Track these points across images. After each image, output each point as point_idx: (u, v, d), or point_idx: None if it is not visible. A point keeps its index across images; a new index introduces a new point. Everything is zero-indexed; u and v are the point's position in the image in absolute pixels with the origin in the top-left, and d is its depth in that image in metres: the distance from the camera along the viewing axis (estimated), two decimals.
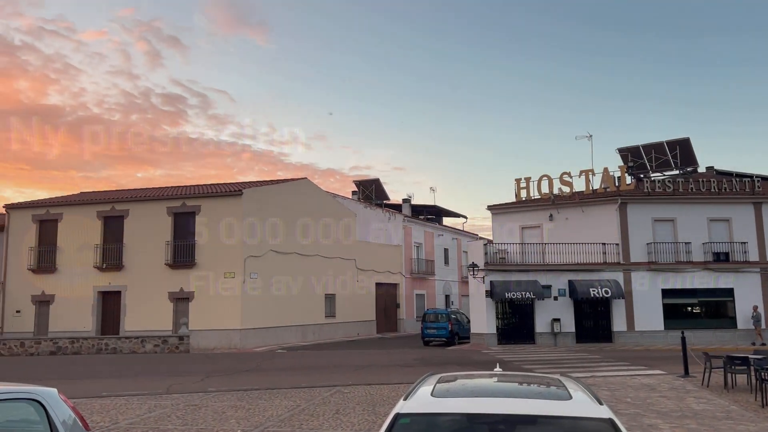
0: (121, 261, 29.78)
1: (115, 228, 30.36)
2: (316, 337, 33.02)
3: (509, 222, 32.34)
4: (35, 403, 4.13)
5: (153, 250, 29.43)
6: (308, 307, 32.89)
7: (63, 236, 30.78)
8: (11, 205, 32.04)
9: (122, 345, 25.81)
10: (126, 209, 30.29)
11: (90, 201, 31.11)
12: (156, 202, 30.04)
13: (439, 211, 51.41)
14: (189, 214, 29.52)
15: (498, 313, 28.90)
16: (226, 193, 29.40)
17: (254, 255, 29.21)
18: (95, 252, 30.10)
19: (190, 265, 28.91)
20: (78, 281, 30.11)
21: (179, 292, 28.89)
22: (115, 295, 29.80)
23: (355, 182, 49.84)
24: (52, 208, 31.35)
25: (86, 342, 25.88)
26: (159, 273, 29.24)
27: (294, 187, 33.75)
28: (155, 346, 25.60)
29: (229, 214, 28.95)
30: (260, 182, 33.79)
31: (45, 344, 25.89)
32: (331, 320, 34.83)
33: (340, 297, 35.87)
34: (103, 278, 29.93)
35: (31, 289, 30.62)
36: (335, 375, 17.04)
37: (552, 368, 18.33)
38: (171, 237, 29.42)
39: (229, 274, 28.46)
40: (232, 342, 27.80)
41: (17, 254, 31.07)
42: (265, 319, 29.38)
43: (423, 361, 21.12)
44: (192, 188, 32.50)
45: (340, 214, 37.39)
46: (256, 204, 29.92)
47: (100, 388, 14.72)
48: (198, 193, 29.91)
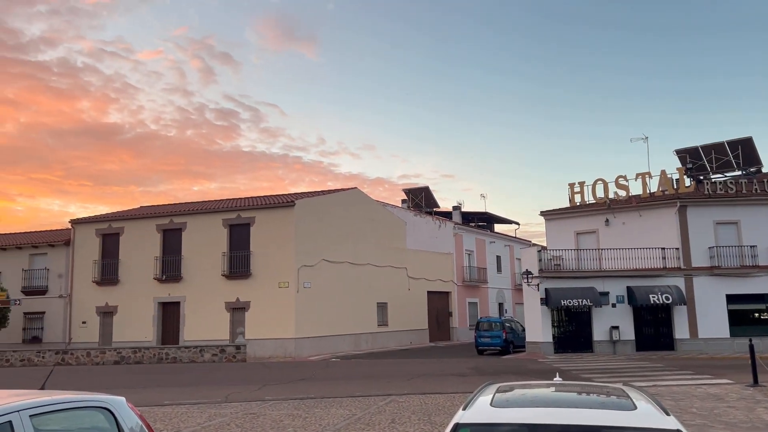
0: (179, 272, 30.64)
1: (174, 240, 31.28)
2: (369, 346, 33.11)
3: (563, 228, 31.72)
4: (105, 411, 4.28)
5: (210, 262, 30.18)
6: (361, 316, 33.04)
7: (124, 249, 31.91)
8: (76, 220, 33.46)
9: (182, 354, 26.49)
10: (184, 222, 31.18)
11: (149, 215, 32.17)
12: (212, 214, 30.82)
13: (490, 218, 50.91)
14: (244, 225, 30.16)
15: (554, 321, 28.34)
16: (278, 205, 29.91)
17: (307, 265, 29.58)
18: (155, 264, 31.08)
19: (246, 276, 29.49)
20: (139, 293, 31.13)
21: (235, 302, 29.51)
22: (174, 305, 30.66)
23: (405, 191, 49.92)
24: (114, 222, 32.57)
25: (148, 352, 26.69)
26: (216, 284, 29.94)
27: (344, 197, 34.05)
28: (213, 356, 26.17)
29: (282, 225, 29.44)
30: (311, 193, 34.24)
31: (109, 354, 26.83)
32: (383, 329, 34.87)
33: (392, 306, 35.88)
34: (163, 289, 30.85)
35: (96, 301, 31.85)
36: (390, 384, 17.03)
37: (612, 377, 17.83)
38: (227, 248, 30.10)
39: (283, 283, 28.89)
40: (287, 351, 28.18)
41: (82, 267, 32.39)
42: (318, 328, 29.67)
43: (478, 371, 20.89)
44: (246, 200, 33.21)
45: (390, 223, 37.49)
46: (308, 214, 30.33)
47: (162, 396, 15.15)
48: (252, 205, 30.54)
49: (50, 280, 33.17)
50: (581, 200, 31.17)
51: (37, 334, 33.02)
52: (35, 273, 33.65)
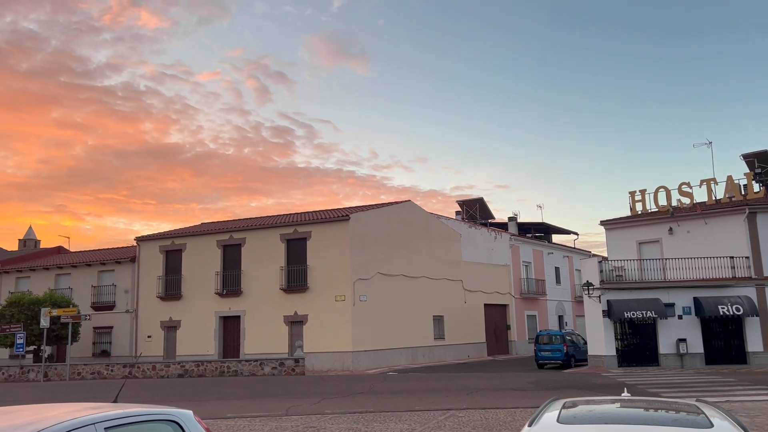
0: (239, 287, 31.31)
1: (234, 255, 32.02)
2: (426, 360, 32.89)
3: (625, 237, 30.80)
4: (174, 424, 4.40)
5: (268, 276, 30.72)
6: (417, 329, 32.89)
7: (187, 265, 32.86)
8: (141, 237, 34.72)
9: (242, 368, 27.00)
10: (243, 237, 31.89)
11: (210, 231, 33.07)
12: (270, 229, 31.42)
13: (547, 229, 49.96)
14: (300, 240, 30.60)
15: (617, 333, 27.47)
16: (334, 219, 30.22)
17: (363, 278, 29.72)
18: (216, 279, 31.87)
19: (303, 290, 29.88)
20: (201, 307, 31.97)
21: (294, 316, 29.91)
22: (235, 319, 31.33)
23: (458, 202, 49.64)
24: (177, 239, 33.62)
25: (210, 365, 27.31)
26: (274, 297, 30.44)
27: (398, 210, 34.11)
28: (273, 369, 26.55)
29: (337, 239, 29.72)
30: (365, 207, 34.48)
31: (174, 367, 27.60)
32: (440, 342, 34.59)
33: (449, 319, 35.59)
34: (224, 304, 31.58)
35: (160, 316, 32.87)
36: (448, 398, 16.85)
37: (682, 392, 17.10)
38: (284, 262, 30.59)
39: (340, 297, 29.10)
40: (344, 364, 28.31)
41: (147, 283, 33.53)
42: (375, 341, 29.70)
43: (538, 385, 20.43)
44: (302, 215, 33.72)
45: (444, 235, 37.30)
46: (363, 228, 30.52)
47: (224, 409, 15.46)
48: (308, 220, 30.98)
49: (117, 295, 34.48)
50: (643, 208, 30.23)
51: (106, 348, 34.32)
52: (103, 289, 35.05)
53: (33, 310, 30.16)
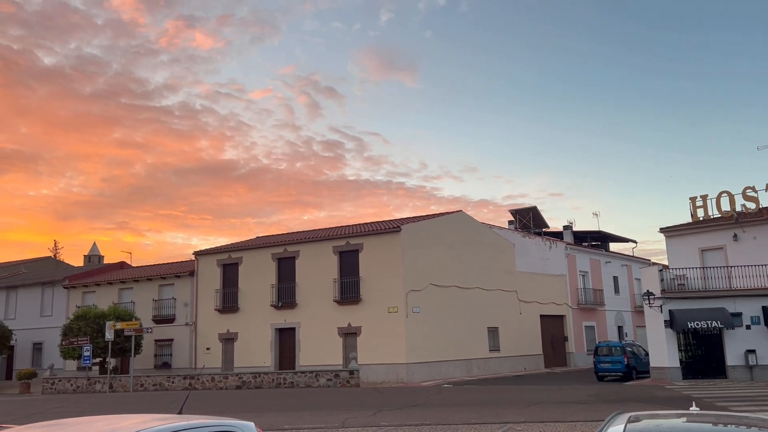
0: (294, 299, 31.73)
1: (288, 268, 32.49)
2: (481, 372, 32.46)
3: (686, 245, 29.73)
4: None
5: (322, 288, 31.03)
6: (471, 340, 32.54)
7: (243, 278, 33.53)
8: (199, 252, 35.66)
9: (298, 379, 27.28)
10: (297, 250, 32.34)
11: (265, 244, 33.67)
12: (322, 242, 31.76)
13: (604, 237, 48.73)
14: (353, 252, 30.81)
15: (680, 344, 26.47)
16: (385, 231, 30.31)
17: (415, 289, 29.65)
18: (271, 291, 32.39)
19: (356, 301, 30.03)
20: (257, 319, 32.52)
21: (347, 328, 30.07)
22: (290, 331, 31.73)
23: (511, 211, 48.98)
24: (233, 252, 34.37)
25: (267, 377, 27.71)
26: (328, 309, 30.70)
27: (450, 221, 33.94)
28: (328, 380, 26.73)
29: (389, 251, 29.77)
30: (417, 218, 34.45)
31: (232, 379, 28.13)
32: (495, 354, 34.10)
33: (504, 330, 35.07)
34: (279, 316, 32.04)
35: (218, 328, 33.61)
36: (506, 411, 16.58)
37: (753, 406, 16.32)
38: (337, 275, 30.84)
39: (393, 308, 29.10)
40: (399, 376, 28.23)
41: (205, 296, 34.37)
42: (429, 353, 29.53)
43: (599, 398, 19.87)
44: (354, 227, 33.95)
45: (497, 245, 36.86)
46: (414, 239, 30.49)
47: (282, 421, 15.65)
48: (360, 232, 31.16)
49: (177, 308, 35.46)
50: (704, 215, 29.14)
51: (167, 360, 35.29)
52: (164, 303, 36.12)
53: (98, 323, 31.32)
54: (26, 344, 39.84)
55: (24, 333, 39.66)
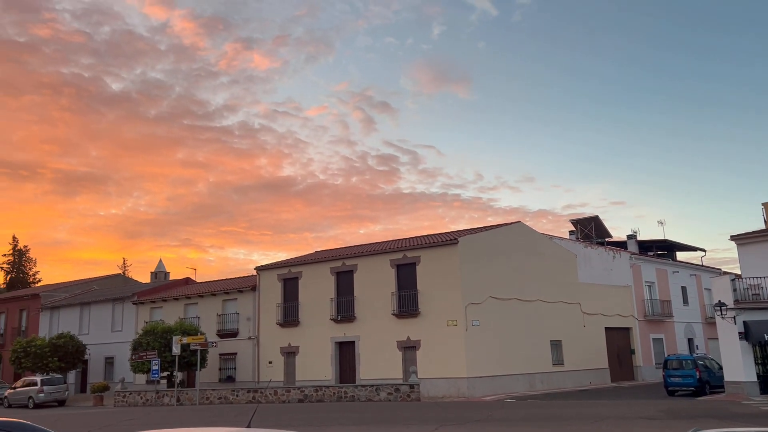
0: (353, 313, 31.89)
1: (346, 282, 32.72)
2: (545, 386, 31.69)
3: (760, 252, 28.27)
4: None
5: (380, 302, 31.08)
6: (534, 354, 31.85)
7: (303, 292, 33.98)
8: (260, 267, 36.37)
9: (359, 393, 27.33)
10: (354, 264, 32.55)
11: (323, 259, 34.05)
12: (380, 255, 31.85)
13: (671, 246, 46.94)
14: (410, 265, 30.76)
15: (757, 357, 25.14)
16: (442, 243, 30.13)
17: (474, 302, 29.30)
18: (330, 305, 32.67)
19: (415, 315, 29.91)
20: (317, 333, 32.84)
21: (406, 341, 29.97)
22: (350, 345, 31.87)
23: (572, 221, 47.87)
24: (293, 267, 34.90)
25: (328, 390, 27.90)
26: (387, 323, 30.69)
27: (508, 232, 33.45)
28: (388, 394, 26.67)
29: (447, 263, 29.57)
30: (474, 230, 34.12)
31: (294, 392, 28.46)
32: (559, 368, 33.25)
33: (567, 343, 34.18)
34: (339, 329, 32.25)
35: (280, 342, 34.11)
36: (573, 427, 16.11)
37: None
38: (395, 288, 30.83)
39: (452, 322, 28.84)
40: (459, 390, 27.90)
41: (267, 310, 34.99)
42: (490, 367, 29.07)
43: (670, 413, 19.06)
44: (410, 240, 33.91)
45: (558, 256, 36.06)
46: (472, 251, 30.18)
47: None
48: (416, 245, 31.09)
49: (240, 323, 36.22)
50: None
51: (231, 374, 36.01)
52: (227, 317, 36.96)
53: (165, 338, 32.31)
54: (99, 358, 41.51)
55: (97, 347, 41.36)
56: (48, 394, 34.00)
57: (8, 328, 48.27)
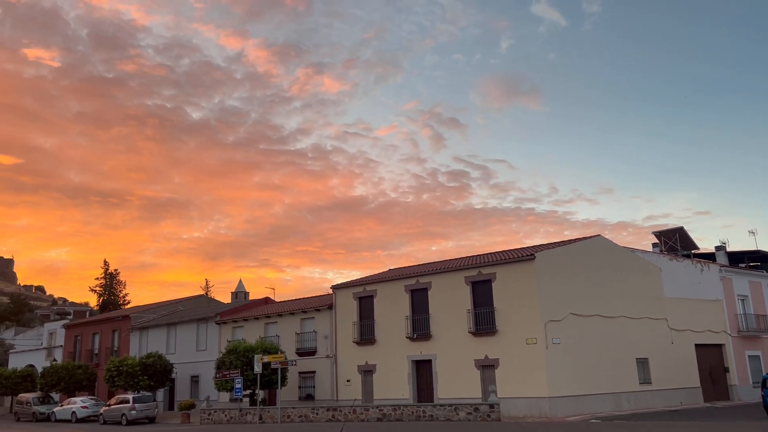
0: (428, 331, 31.73)
1: (421, 300, 32.65)
2: (632, 406, 30.34)
3: None
4: None
5: (456, 319, 30.79)
6: (619, 373, 30.61)
7: (379, 310, 34.15)
8: (336, 285, 36.87)
9: (437, 412, 27.07)
10: (429, 282, 32.46)
11: (397, 277, 34.14)
12: (454, 272, 31.62)
13: (764, 257, 44.20)
14: (485, 282, 30.36)
15: None
16: (518, 259, 29.59)
17: (554, 319, 28.55)
18: (406, 323, 32.66)
19: (492, 333, 29.44)
20: (394, 351, 32.86)
21: (484, 360, 29.50)
22: (427, 363, 31.69)
23: (655, 233, 45.93)
24: (368, 285, 35.18)
25: (406, 409, 27.79)
26: (463, 341, 30.35)
27: (587, 246, 32.48)
28: (468, 414, 26.28)
29: (523, 279, 29.01)
30: (551, 244, 33.32)
31: (372, 411, 28.52)
32: (646, 387, 31.78)
33: (654, 361, 32.66)
34: (415, 348, 32.15)
35: (357, 360, 34.35)
36: None
37: None
38: (471, 305, 30.49)
39: (531, 340, 28.18)
40: (541, 410, 27.14)
41: (344, 329, 35.36)
42: (573, 386, 28.15)
43: None
44: (485, 256, 33.50)
45: (642, 270, 34.65)
46: (550, 267, 29.48)
47: None
48: (492, 261, 30.67)
49: (318, 341, 36.75)
50: None
51: (310, 392, 36.53)
52: (306, 336, 37.60)
53: (247, 356, 33.20)
54: (185, 377, 43.12)
55: (183, 366, 43.00)
56: (139, 411, 35.56)
57: (102, 348, 50.98)
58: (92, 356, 51.58)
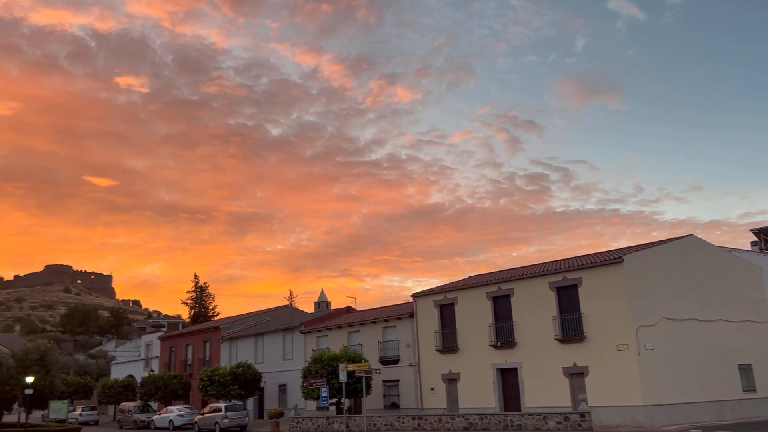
0: (513, 338, 31.13)
1: (504, 307, 32.09)
2: (735, 415, 28.56)
3: None
4: None
5: (541, 326, 30.07)
6: (719, 379, 28.92)
7: (460, 318, 33.84)
8: (416, 293, 36.86)
9: (525, 422, 26.48)
10: (511, 288, 31.88)
11: (478, 284, 33.73)
12: (537, 278, 30.90)
13: None
14: (571, 287, 29.49)
15: None
16: (605, 262, 28.55)
17: (646, 324, 27.33)
18: (489, 331, 32.18)
19: (580, 339, 28.53)
20: (477, 359, 32.43)
21: (572, 367, 28.62)
22: (512, 371, 31.08)
23: (753, 231, 43.25)
24: (448, 293, 34.95)
25: (493, 418, 27.34)
26: (550, 348, 29.58)
27: (679, 247, 30.94)
28: (557, 423, 25.54)
29: (611, 283, 27.96)
30: (639, 246, 31.96)
31: (458, 420, 28.25)
32: (751, 395, 29.85)
33: (759, 367, 30.65)
34: (499, 356, 31.62)
35: (440, 368, 34.15)
36: None
37: None
38: (556, 311, 29.69)
39: (622, 346, 27.10)
40: (635, 419, 26.00)
41: (426, 337, 35.27)
42: (669, 394, 26.81)
43: None
44: (570, 261, 32.56)
45: (740, 270, 32.67)
46: (640, 269, 28.29)
47: None
48: (577, 266, 29.75)
49: (401, 350, 36.82)
50: None
51: (395, 401, 36.62)
52: (388, 344, 37.77)
53: (332, 365, 33.69)
54: (273, 386, 44.29)
55: (271, 375, 44.19)
56: (231, 419, 36.81)
57: (195, 358, 53.23)
58: (186, 366, 53.91)
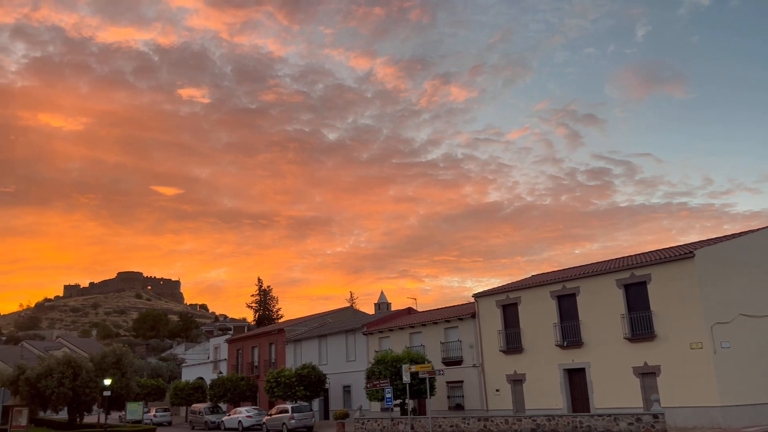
0: (579, 338, 30.41)
1: (569, 306, 31.39)
2: None
3: None
4: None
5: (608, 325, 29.26)
6: None
7: (524, 318, 33.31)
8: (478, 294, 36.50)
9: (595, 423, 25.79)
10: (576, 287, 31.15)
11: (542, 282, 33.11)
12: (603, 276, 30.09)
13: None
14: (639, 284, 28.58)
15: None
16: (675, 258, 27.51)
17: (721, 321, 26.18)
18: (554, 331, 31.54)
19: (650, 338, 27.60)
20: (543, 360, 31.84)
21: (643, 367, 27.72)
22: (580, 372, 30.36)
23: None
24: (511, 293, 34.46)
25: (561, 420, 26.77)
26: (618, 348, 28.75)
27: (754, 240, 29.47)
28: (629, 425, 24.76)
29: (682, 280, 26.93)
30: (711, 240, 30.66)
31: (525, 422, 27.80)
32: None
33: None
34: (566, 356, 30.94)
35: (505, 369, 33.70)
36: None
37: None
38: (624, 310, 28.83)
39: (696, 344, 26.05)
40: (713, 420, 24.94)
41: (489, 337, 34.89)
42: (749, 394, 25.59)
43: None
44: (637, 257, 31.56)
45: None
46: (712, 264, 27.13)
47: None
48: (645, 262, 28.80)
49: (464, 350, 36.54)
50: None
51: (459, 402, 36.38)
52: (450, 345, 37.56)
53: (395, 366, 33.79)
54: (338, 387, 44.79)
55: (335, 377, 44.71)
56: (298, 420, 37.46)
57: (261, 360, 54.44)
58: (252, 368, 55.21)
